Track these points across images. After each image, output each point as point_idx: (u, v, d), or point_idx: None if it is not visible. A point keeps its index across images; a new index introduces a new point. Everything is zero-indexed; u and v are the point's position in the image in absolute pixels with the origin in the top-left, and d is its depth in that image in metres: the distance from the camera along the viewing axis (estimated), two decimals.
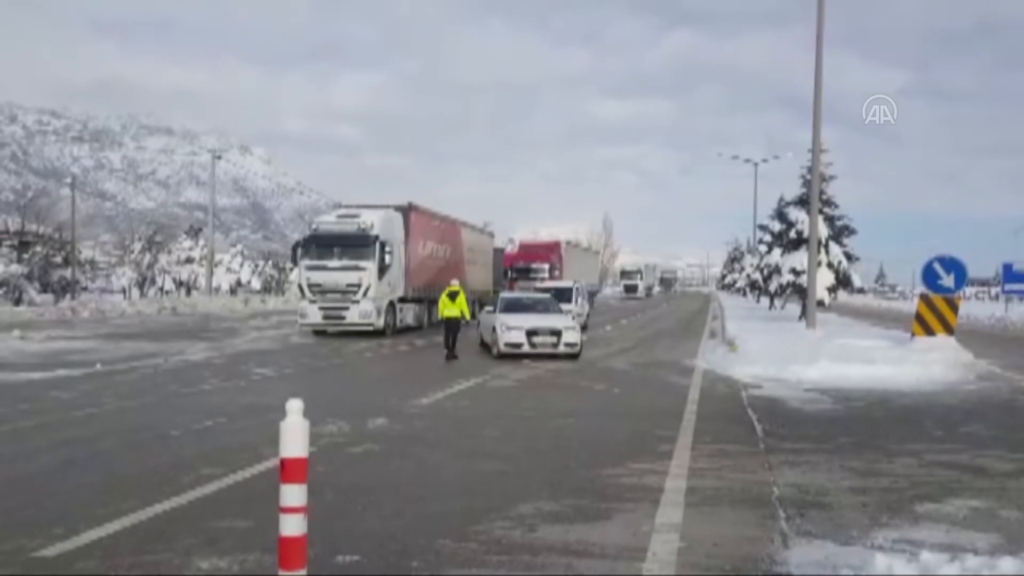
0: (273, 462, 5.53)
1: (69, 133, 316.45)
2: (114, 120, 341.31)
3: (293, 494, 3.03)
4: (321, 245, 19.87)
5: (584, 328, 20.60)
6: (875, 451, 7.30)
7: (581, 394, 10.67)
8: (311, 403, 3.52)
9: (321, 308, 19.51)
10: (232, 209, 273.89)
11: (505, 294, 18.88)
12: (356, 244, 19.51)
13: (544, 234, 48.76)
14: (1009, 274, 24.33)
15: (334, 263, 19.54)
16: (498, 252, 33.39)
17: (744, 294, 52.60)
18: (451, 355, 14.73)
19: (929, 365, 13.26)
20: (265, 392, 10.30)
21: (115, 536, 4.60)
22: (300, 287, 20.24)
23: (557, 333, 14.94)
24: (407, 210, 21.82)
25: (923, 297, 15.34)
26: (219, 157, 35.49)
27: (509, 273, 34.99)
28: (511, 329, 14.90)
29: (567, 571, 4.15)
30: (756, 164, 43.10)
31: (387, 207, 21.27)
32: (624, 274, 67.85)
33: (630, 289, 64.79)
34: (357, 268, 19.34)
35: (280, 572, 3.07)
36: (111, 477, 5.99)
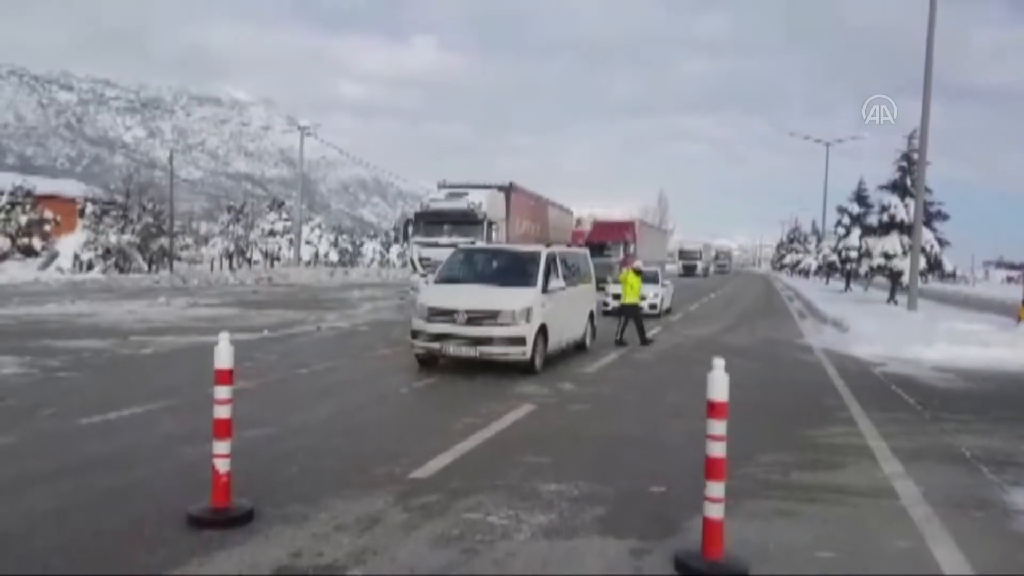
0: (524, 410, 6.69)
1: (121, 102, 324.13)
2: (165, 90, 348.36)
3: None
4: (431, 222, 21.12)
5: (669, 310, 21.49)
6: None
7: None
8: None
9: None
10: (279, 180, 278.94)
11: None
12: (465, 221, 20.70)
13: (599, 212, 49.46)
14: None
15: (444, 239, 20.72)
16: None
17: (807, 275, 52.72)
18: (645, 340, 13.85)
19: None
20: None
21: (457, 464, 5.74)
22: (412, 262, 21.55)
23: None
24: (508, 190, 22.96)
25: None
26: (309, 132, 36.96)
27: None
28: None
29: (841, 503, 5.21)
30: (828, 145, 43.06)
31: (490, 186, 22.41)
32: (683, 253, 68.29)
33: (689, 268, 65.28)
34: None
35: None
36: (397, 423, 7.24)
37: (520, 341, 9.70)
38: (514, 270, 10.91)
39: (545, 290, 10.46)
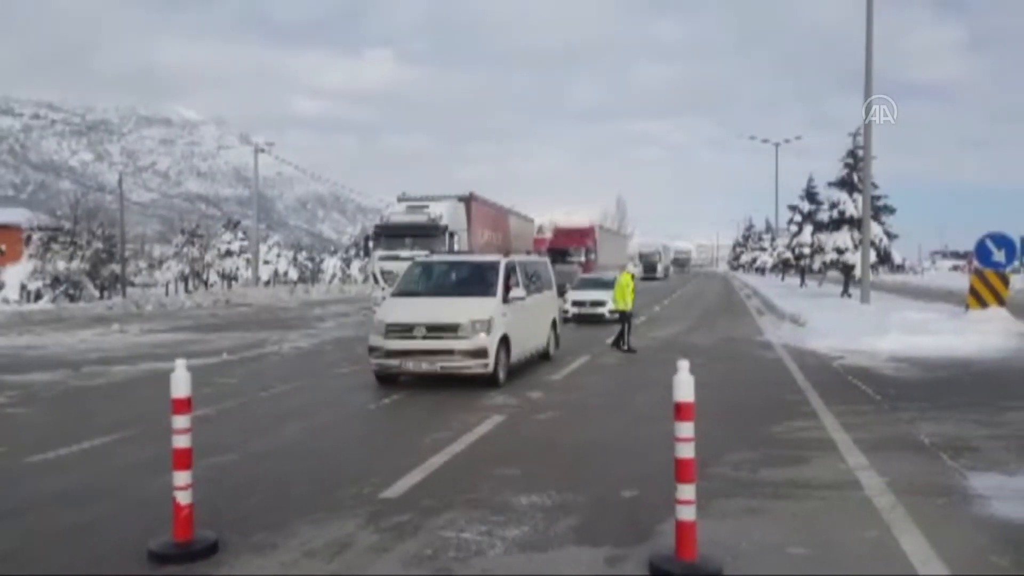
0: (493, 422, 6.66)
1: (67, 126, 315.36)
2: (112, 111, 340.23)
3: None
4: (392, 236, 20.99)
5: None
6: (985, 407, 8.43)
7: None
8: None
9: None
10: (234, 199, 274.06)
11: None
12: (427, 234, 20.61)
13: (560, 219, 49.84)
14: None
15: (406, 252, 20.56)
16: None
17: (763, 273, 53.80)
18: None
19: (987, 335, 14.36)
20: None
21: (427, 481, 5.69)
22: (374, 276, 21.36)
23: None
24: (468, 200, 22.95)
25: (976, 272, 16.46)
26: (262, 150, 36.42)
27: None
28: None
29: (808, 497, 5.28)
30: (777, 145, 44.05)
31: (450, 197, 22.37)
32: (643, 256, 69.15)
33: (650, 270, 66.03)
34: None
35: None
36: (364, 442, 7.13)
37: (482, 353, 9.57)
38: (473, 280, 10.83)
39: (506, 300, 10.38)
